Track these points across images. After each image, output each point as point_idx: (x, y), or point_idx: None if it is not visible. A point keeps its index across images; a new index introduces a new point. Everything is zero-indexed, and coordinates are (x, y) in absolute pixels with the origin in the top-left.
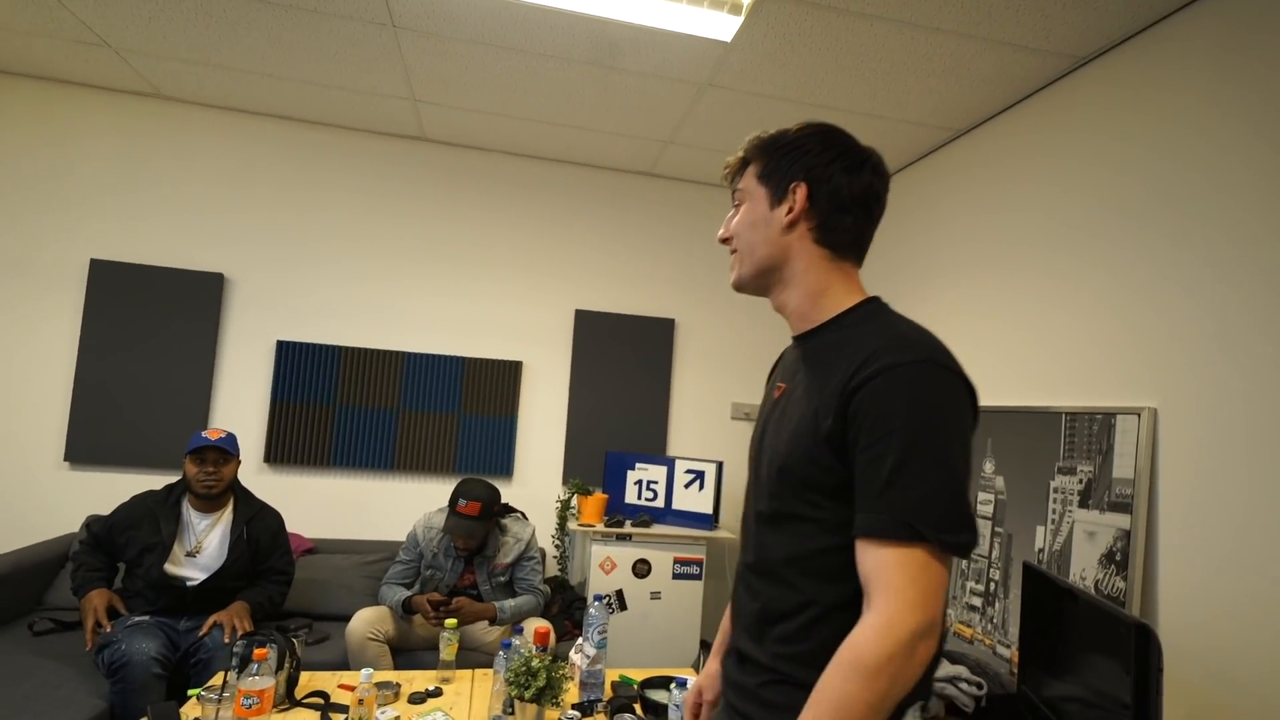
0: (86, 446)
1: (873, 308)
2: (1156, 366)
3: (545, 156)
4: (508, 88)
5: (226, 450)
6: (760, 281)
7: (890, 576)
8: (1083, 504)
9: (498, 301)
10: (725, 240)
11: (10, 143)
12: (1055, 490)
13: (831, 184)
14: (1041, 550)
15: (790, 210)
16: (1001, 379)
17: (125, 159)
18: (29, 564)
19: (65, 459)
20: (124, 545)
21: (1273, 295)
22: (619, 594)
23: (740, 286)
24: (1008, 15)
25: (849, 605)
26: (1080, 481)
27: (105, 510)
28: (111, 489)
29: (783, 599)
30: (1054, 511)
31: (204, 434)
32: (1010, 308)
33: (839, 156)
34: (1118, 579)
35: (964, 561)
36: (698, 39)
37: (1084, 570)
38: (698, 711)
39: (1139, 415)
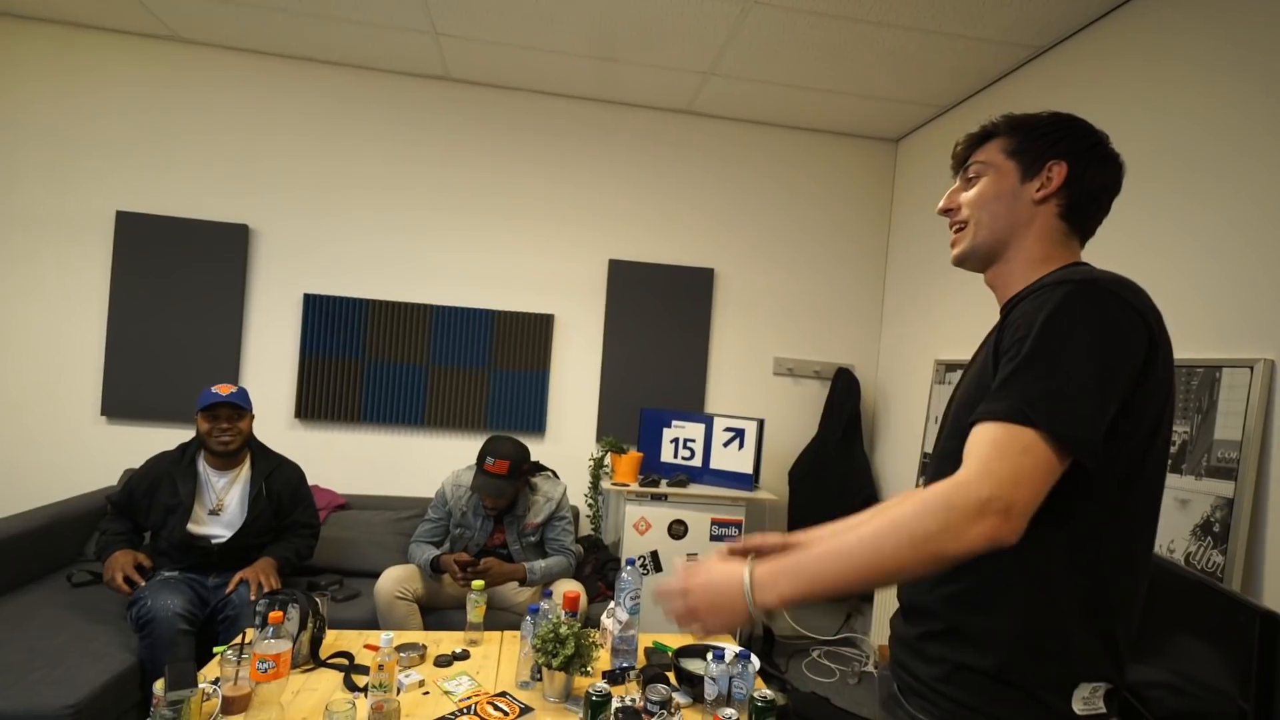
0: (122, 401)
1: (1073, 264)
2: (1276, 312)
3: (575, 94)
4: (533, 14)
5: (240, 405)
6: (991, 254)
7: (982, 449)
8: (1174, 468)
9: (528, 252)
10: (947, 211)
11: (33, 90)
12: None
13: (1089, 170)
14: None
15: (1043, 186)
16: None
17: (146, 106)
18: (68, 516)
19: (102, 413)
20: (147, 509)
21: None
22: (654, 555)
23: (965, 259)
24: None
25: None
26: (1174, 443)
27: (141, 463)
28: (147, 442)
29: None
30: None
31: (214, 389)
32: (1091, 248)
33: (1095, 145)
34: (1214, 553)
35: None
36: None
37: (1172, 542)
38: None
39: (1252, 368)
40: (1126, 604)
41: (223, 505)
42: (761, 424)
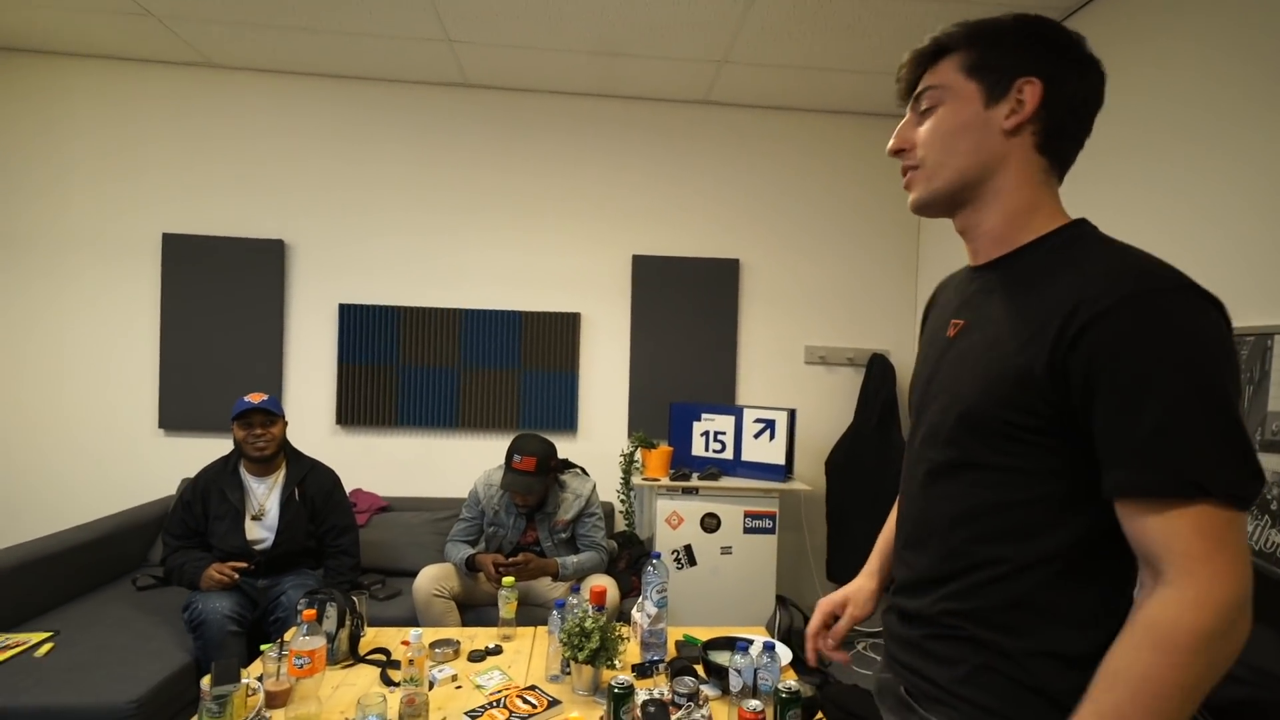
0: (177, 414)
1: (1085, 229)
2: None
3: (590, 92)
4: (541, 16)
5: (271, 411)
6: (956, 199)
7: (1189, 544)
8: None
9: (552, 251)
10: (898, 152)
11: (82, 121)
12: None
13: (1066, 84)
14: None
15: (1014, 111)
16: None
17: (184, 131)
18: (133, 524)
19: (160, 426)
20: (205, 520)
21: None
22: (687, 549)
23: (924, 206)
24: None
25: (1048, 562)
26: None
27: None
28: (202, 451)
29: (952, 558)
30: None
31: (246, 398)
32: (1134, 215)
33: (1070, 49)
34: (1272, 532)
35: None
36: None
37: None
38: (829, 621)
39: None
40: None
41: (264, 510)
42: (793, 414)
